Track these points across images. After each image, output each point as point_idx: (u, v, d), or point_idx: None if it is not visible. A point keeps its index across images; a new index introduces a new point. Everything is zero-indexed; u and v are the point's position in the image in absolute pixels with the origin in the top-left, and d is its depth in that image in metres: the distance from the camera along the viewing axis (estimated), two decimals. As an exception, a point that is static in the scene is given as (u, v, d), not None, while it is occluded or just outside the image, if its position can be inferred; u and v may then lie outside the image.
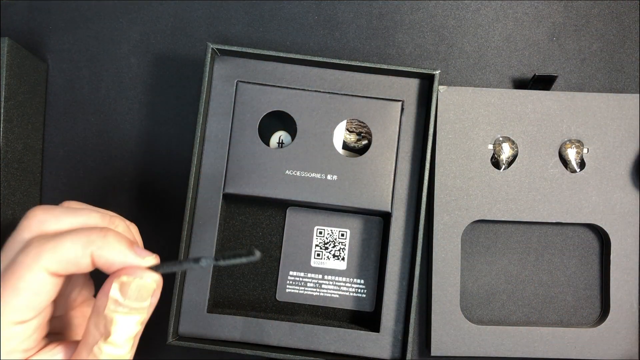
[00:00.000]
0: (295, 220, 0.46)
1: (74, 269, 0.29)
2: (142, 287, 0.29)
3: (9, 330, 0.28)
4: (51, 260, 0.28)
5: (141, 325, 0.30)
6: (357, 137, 0.46)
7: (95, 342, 0.29)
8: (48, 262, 0.28)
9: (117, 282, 0.29)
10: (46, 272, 0.28)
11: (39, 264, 0.28)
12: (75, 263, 0.29)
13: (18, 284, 0.28)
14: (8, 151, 0.44)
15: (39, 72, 0.48)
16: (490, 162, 0.46)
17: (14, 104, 0.45)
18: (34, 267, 0.28)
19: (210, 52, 0.43)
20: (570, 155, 0.46)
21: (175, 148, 0.49)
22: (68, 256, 0.28)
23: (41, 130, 0.49)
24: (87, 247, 0.29)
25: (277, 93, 0.44)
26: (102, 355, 0.29)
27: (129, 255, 0.29)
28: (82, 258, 0.29)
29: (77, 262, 0.29)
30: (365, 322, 0.46)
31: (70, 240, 0.28)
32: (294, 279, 0.46)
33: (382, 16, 0.50)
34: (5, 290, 0.28)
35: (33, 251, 0.28)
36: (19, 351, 0.29)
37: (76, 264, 0.29)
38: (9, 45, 0.44)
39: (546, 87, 0.47)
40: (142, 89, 0.49)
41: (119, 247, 0.29)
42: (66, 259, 0.28)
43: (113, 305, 0.29)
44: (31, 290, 0.28)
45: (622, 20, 0.50)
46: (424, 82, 0.45)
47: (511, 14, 0.50)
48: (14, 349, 0.29)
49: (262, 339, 0.43)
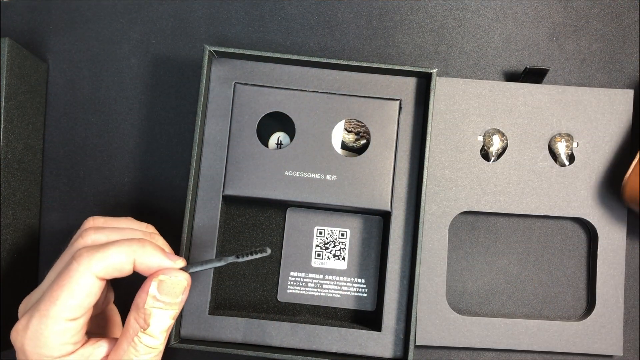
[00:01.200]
0: (295, 221, 0.46)
1: (117, 273, 0.35)
2: (176, 285, 0.35)
3: (63, 325, 0.33)
4: (100, 267, 0.34)
5: (173, 319, 0.36)
6: (355, 136, 0.46)
7: (135, 333, 0.34)
8: (98, 268, 0.34)
9: (156, 281, 0.35)
10: (95, 277, 0.34)
11: (90, 270, 0.33)
12: (120, 269, 0.34)
13: (72, 287, 0.33)
14: (8, 151, 0.44)
15: (39, 72, 0.48)
16: (479, 154, 0.47)
17: (14, 104, 0.45)
18: (86, 273, 0.33)
19: (208, 54, 0.43)
20: (560, 149, 0.47)
21: (175, 148, 0.49)
22: (114, 263, 0.34)
23: (41, 130, 0.49)
24: (129, 255, 0.34)
25: (275, 94, 0.44)
26: (141, 344, 0.35)
27: (164, 259, 0.35)
28: (126, 264, 0.34)
29: (122, 267, 0.34)
30: (366, 322, 0.46)
31: (116, 249, 0.34)
32: (295, 279, 0.46)
33: (382, 16, 0.50)
34: (62, 292, 0.33)
35: (85, 259, 0.34)
36: (70, 343, 0.34)
37: (120, 270, 0.34)
38: (10, 46, 0.44)
39: (537, 81, 0.47)
40: (142, 89, 0.49)
41: (155, 254, 0.35)
42: (112, 265, 0.34)
43: (151, 300, 0.35)
44: (83, 292, 0.33)
45: (622, 20, 0.50)
46: (421, 80, 0.45)
47: (511, 14, 0.50)
48: (67, 342, 0.34)
49: (264, 339, 0.43)
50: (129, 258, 0.34)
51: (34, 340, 0.33)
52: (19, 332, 0.34)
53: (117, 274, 0.35)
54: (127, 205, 0.48)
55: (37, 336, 0.33)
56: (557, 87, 0.47)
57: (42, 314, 0.33)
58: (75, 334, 0.34)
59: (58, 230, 0.48)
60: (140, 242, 0.35)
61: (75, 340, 0.34)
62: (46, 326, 0.33)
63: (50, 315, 0.33)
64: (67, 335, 0.34)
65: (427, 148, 0.43)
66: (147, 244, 0.35)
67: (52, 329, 0.33)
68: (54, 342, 0.33)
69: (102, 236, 0.37)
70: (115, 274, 0.35)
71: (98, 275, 0.34)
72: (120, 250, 0.34)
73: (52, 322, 0.33)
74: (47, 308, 0.33)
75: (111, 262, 0.34)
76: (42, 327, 0.33)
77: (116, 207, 0.48)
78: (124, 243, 0.35)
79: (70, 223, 0.48)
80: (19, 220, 0.46)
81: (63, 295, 0.33)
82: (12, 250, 0.45)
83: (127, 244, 0.35)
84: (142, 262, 0.35)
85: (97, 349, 0.36)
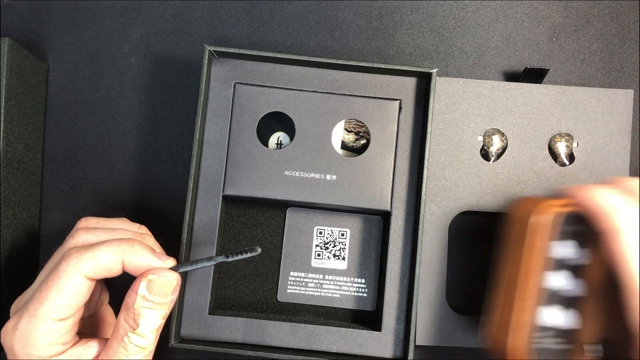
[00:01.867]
0: (295, 221, 0.46)
1: (106, 273, 0.34)
2: (165, 284, 0.35)
3: (52, 325, 0.33)
4: (89, 267, 0.34)
5: (163, 319, 0.36)
6: (355, 136, 0.46)
7: (125, 333, 0.34)
8: (86, 268, 0.34)
9: (145, 281, 0.35)
10: (84, 277, 0.34)
11: (79, 270, 0.33)
12: (109, 269, 0.34)
13: (61, 286, 0.33)
14: (8, 151, 0.44)
15: (39, 72, 0.48)
16: (479, 154, 0.47)
17: (14, 104, 0.45)
18: (75, 273, 0.33)
19: (208, 54, 0.43)
20: (560, 149, 0.47)
21: (175, 148, 0.49)
22: (103, 263, 0.34)
23: (41, 130, 0.49)
24: (118, 255, 0.34)
25: (275, 94, 0.45)
26: (131, 344, 0.35)
27: (153, 259, 0.35)
28: (115, 264, 0.34)
29: (110, 267, 0.34)
30: (366, 322, 0.46)
31: (105, 249, 0.34)
32: (295, 279, 0.46)
33: (382, 16, 0.50)
34: (50, 292, 0.33)
35: (74, 259, 0.34)
36: (59, 344, 0.34)
37: (109, 270, 0.34)
38: (10, 46, 0.44)
39: (537, 80, 0.47)
40: (142, 89, 0.49)
41: (144, 254, 0.35)
42: (101, 266, 0.34)
43: (141, 300, 0.35)
44: (72, 292, 0.33)
45: (622, 20, 0.50)
46: (421, 80, 0.45)
47: (511, 14, 0.50)
48: (56, 342, 0.34)
49: (263, 339, 0.43)
50: (118, 258, 0.34)
51: (23, 340, 0.33)
52: (8, 332, 0.34)
53: (106, 274, 0.35)
54: (127, 205, 0.48)
55: (25, 336, 0.33)
56: (557, 87, 0.47)
57: (30, 313, 0.33)
58: (64, 334, 0.34)
59: (58, 230, 0.48)
60: (129, 242, 0.35)
61: (64, 341, 0.34)
62: (35, 326, 0.33)
63: (39, 315, 0.33)
64: (55, 335, 0.34)
65: (427, 148, 0.43)
66: (136, 243, 0.35)
67: (41, 329, 0.33)
68: (42, 342, 0.33)
69: (93, 236, 0.37)
70: (105, 274, 0.35)
71: (87, 275, 0.34)
72: (109, 250, 0.34)
73: (41, 322, 0.33)
74: (36, 308, 0.33)
75: (100, 262, 0.34)
76: (31, 327, 0.33)
77: (116, 207, 0.48)
78: (113, 243, 0.35)
79: (70, 223, 0.48)
80: (19, 220, 0.46)
81: (52, 295, 0.33)
82: (12, 250, 0.45)
83: (116, 243, 0.35)
84: (131, 261, 0.35)
85: (88, 349, 0.36)
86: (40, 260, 0.48)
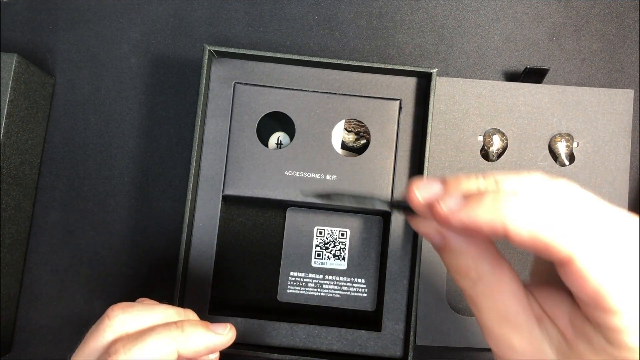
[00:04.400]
0: (295, 221, 0.46)
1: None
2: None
3: None
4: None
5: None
6: (355, 136, 0.46)
7: None
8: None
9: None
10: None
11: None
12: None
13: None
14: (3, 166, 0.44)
15: (45, 87, 0.48)
16: (480, 154, 0.47)
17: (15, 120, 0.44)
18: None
19: (208, 54, 0.43)
20: (560, 149, 0.47)
21: (175, 148, 0.49)
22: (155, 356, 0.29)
23: (41, 146, 0.49)
24: (171, 345, 0.30)
25: (275, 94, 0.44)
26: None
27: (210, 336, 0.32)
28: (169, 356, 0.30)
29: None
30: (366, 322, 0.46)
31: (155, 339, 0.30)
32: (295, 279, 0.46)
33: (382, 16, 0.50)
34: None
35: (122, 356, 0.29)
36: None
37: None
38: (17, 62, 0.43)
39: (538, 80, 0.47)
40: (142, 89, 0.49)
41: (198, 335, 0.31)
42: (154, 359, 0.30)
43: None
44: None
45: (622, 20, 0.50)
46: (421, 80, 0.45)
47: (511, 14, 0.50)
48: None
49: (263, 340, 0.43)
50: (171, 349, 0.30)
51: None
52: None
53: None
54: (127, 205, 0.48)
55: None
56: (557, 87, 0.47)
57: None
58: None
59: (58, 230, 0.48)
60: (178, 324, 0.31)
61: None
62: None
63: None
64: None
65: (427, 148, 0.43)
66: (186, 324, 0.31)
67: None
68: None
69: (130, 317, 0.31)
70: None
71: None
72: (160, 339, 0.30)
73: None
74: None
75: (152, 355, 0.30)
76: None
77: (116, 207, 0.48)
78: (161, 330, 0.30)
79: (70, 223, 0.48)
80: (6, 235, 0.46)
81: None
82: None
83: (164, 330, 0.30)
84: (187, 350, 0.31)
85: None
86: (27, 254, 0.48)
